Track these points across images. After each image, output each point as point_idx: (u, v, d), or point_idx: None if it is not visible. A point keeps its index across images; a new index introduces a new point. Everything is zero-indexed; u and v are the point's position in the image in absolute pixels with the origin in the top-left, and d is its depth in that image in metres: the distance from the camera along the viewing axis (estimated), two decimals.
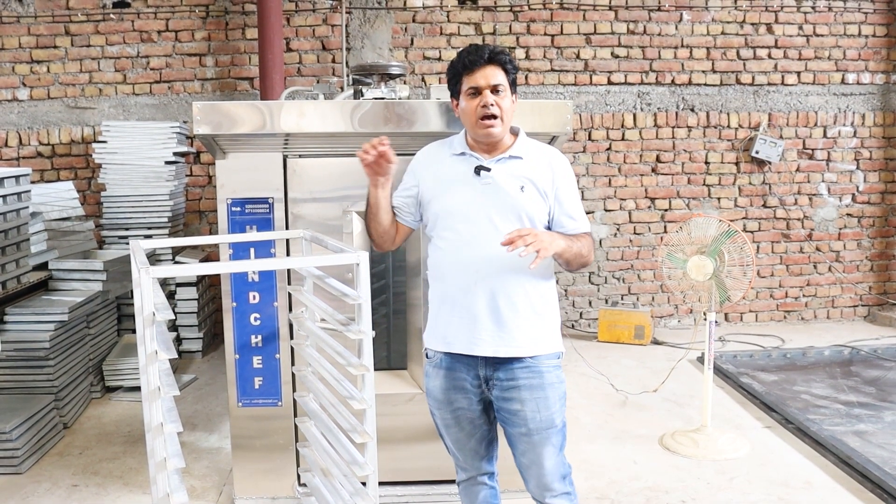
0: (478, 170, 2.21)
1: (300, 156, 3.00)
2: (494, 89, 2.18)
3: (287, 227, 2.98)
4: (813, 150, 6.13)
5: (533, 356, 2.20)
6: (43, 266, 4.37)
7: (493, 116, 2.17)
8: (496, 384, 2.23)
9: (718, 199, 6.09)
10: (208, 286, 5.57)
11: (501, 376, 2.21)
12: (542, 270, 2.21)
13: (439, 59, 5.81)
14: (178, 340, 5.20)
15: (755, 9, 5.96)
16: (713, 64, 5.98)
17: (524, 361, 2.20)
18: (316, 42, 5.74)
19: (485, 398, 2.28)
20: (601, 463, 3.55)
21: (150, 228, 5.14)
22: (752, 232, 6.11)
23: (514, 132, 2.30)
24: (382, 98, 3.09)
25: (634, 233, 6.05)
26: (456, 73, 2.22)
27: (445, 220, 2.24)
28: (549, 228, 2.24)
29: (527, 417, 2.20)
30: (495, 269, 2.17)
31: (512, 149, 2.25)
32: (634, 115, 5.97)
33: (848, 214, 6.23)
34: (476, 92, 2.18)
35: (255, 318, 3.01)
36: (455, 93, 2.26)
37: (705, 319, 3.73)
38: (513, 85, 2.24)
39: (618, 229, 6.05)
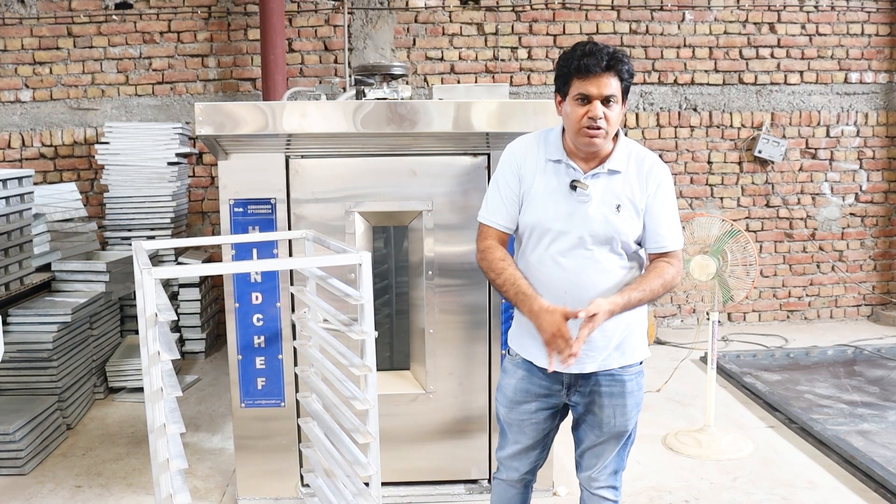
0: (573, 185, 2.09)
1: (302, 156, 3.00)
2: (606, 101, 2.01)
3: (289, 228, 2.98)
4: (816, 149, 6.12)
5: (619, 366, 2.17)
6: (46, 267, 4.38)
7: (599, 128, 2.02)
8: (578, 390, 2.21)
9: (721, 198, 6.08)
10: (211, 287, 5.57)
11: (584, 384, 2.19)
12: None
13: (441, 59, 5.80)
14: (181, 341, 5.20)
15: (758, 8, 5.95)
16: (716, 63, 5.98)
17: (609, 371, 2.17)
18: (318, 42, 5.75)
19: (558, 405, 2.25)
20: None
21: (152, 229, 5.15)
22: (754, 231, 6.10)
23: (615, 135, 2.14)
24: (385, 98, 3.09)
25: None
26: (567, 74, 2.05)
27: (537, 233, 2.14)
28: (639, 244, 2.14)
29: (602, 422, 2.20)
30: (584, 291, 2.08)
31: (611, 161, 2.10)
32: (637, 115, 5.96)
33: (851, 214, 6.22)
34: (586, 100, 2.02)
35: (258, 319, 3.01)
36: (562, 92, 2.08)
37: (708, 319, 3.73)
38: (625, 93, 2.06)
39: None
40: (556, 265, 2.11)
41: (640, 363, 2.24)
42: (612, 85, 2.01)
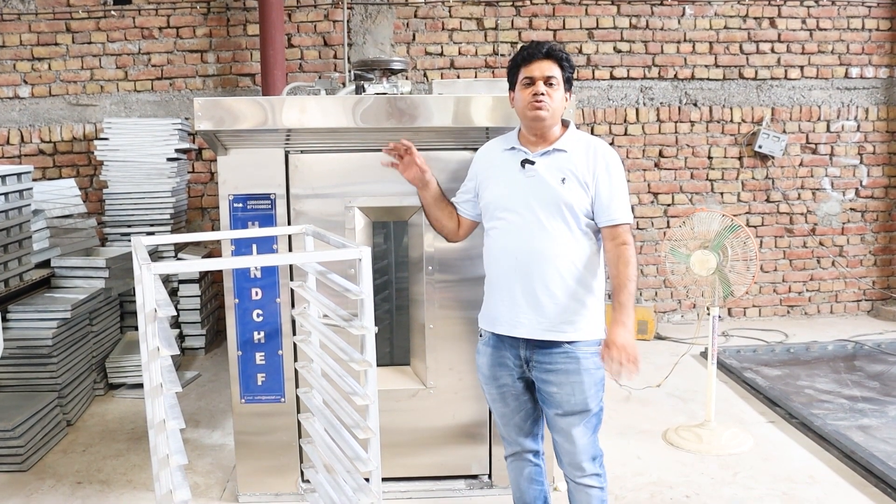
0: (524, 163, 2.34)
1: (302, 151, 2.99)
2: (547, 81, 2.30)
3: (289, 223, 2.98)
4: (816, 144, 6.11)
5: (571, 342, 2.31)
6: (45, 264, 4.38)
7: (543, 102, 2.29)
8: (535, 365, 2.35)
9: (721, 193, 6.07)
10: (211, 283, 5.56)
11: (540, 359, 2.33)
12: (585, 261, 2.34)
13: (441, 54, 5.79)
14: (181, 337, 5.20)
15: (758, 3, 5.93)
16: (716, 58, 5.96)
17: (562, 346, 2.31)
18: (317, 38, 5.73)
19: (527, 377, 2.40)
20: (605, 458, 3.53)
21: (152, 225, 5.14)
22: (755, 227, 6.09)
23: (565, 124, 2.42)
24: (384, 93, 3.08)
25: (637, 228, 6.03)
26: (514, 65, 2.37)
27: (493, 211, 2.39)
28: (592, 219, 2.34)
29: (561, 400, 2.32)
30: (534, 257, 2.29)
31: (557, 142, 2.35)
32: (637, 110, 5.95)
33: (851, 209, 6.21)
34: (530, 82, 2.31)
35: (258, 315, 3.01)
36: (512, 84, 2.39)
37: (708, 314, 3.72)
38: (567, 83, 2.35)
39: None
40: (510, 234, 2.34)
41: (598, 344, 2.34)
42: (552, 69, 2.31)
